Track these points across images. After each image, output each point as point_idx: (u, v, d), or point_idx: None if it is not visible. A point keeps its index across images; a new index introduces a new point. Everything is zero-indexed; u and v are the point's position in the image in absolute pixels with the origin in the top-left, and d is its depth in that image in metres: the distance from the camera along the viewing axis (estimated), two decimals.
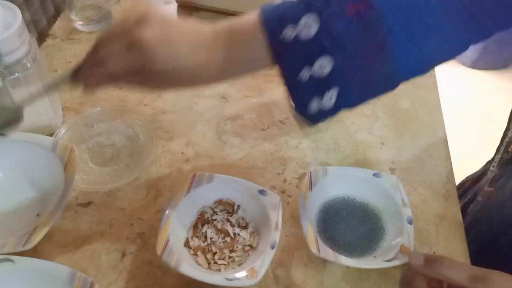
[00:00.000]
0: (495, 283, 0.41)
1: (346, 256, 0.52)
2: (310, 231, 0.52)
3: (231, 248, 0.53)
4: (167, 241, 0.50)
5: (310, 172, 0.58)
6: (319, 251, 0.51)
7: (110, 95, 0.73)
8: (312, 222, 0.54)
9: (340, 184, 0.59)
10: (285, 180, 0.64)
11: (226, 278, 0.48)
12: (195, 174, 0.56)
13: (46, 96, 0.59)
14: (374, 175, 0.59)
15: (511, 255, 0.61)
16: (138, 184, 0.62)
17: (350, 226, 0.56)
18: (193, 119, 0.71)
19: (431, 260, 0.47)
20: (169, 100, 0.73)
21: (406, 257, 0.50)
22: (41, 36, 0.82)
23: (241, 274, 0.49)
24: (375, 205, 0.58)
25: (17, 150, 0.57)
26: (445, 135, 0.70)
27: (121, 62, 0.43)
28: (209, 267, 0.52)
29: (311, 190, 0.56)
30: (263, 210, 0.54)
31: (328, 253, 0.51)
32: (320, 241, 0.52)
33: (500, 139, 0.71)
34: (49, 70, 0.75)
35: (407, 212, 0.55)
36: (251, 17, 0.44)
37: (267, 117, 0.71)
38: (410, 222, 0.54)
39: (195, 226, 0.55)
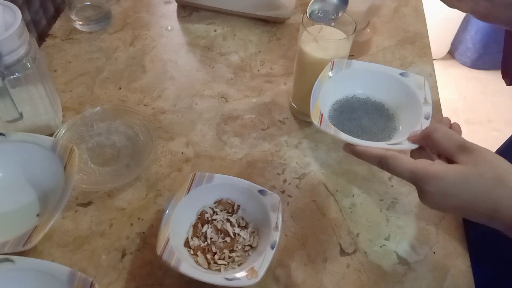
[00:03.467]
0: (480, 156, 0.42)
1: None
2: (318, 107, 0.52)
3: (231, 248, 0.54)
4: (167, 241, 0.50)
5: (334, 61, 0.58)
6: (320, 124, 0.51)
7: (110, 95, 0.73)
8: (324, 110, 0.54)
9: (361, 79, 0.59)
10: (285, 180, 0.64)
11: (226, 278, 0.48)
12: (195, 174, 0.56)
13: None
14: (401, 74, 0.58)
15: (511, 254, 0.61)
16: (138, 184, 0.62)
17: (361, 125, 0.56)
18: (193, 119, 0.71)
19: (428, 133, 0.47)
20: (169, 100, 0.73)
21: (412, 144, 0.49)
22: (41, 36, 0.82)
23: (241, 274, 0.49)
24: (392, 105, 0.58)
25: (17, 150, 0.57)
26: None
27: None
28: (209, 267, 0.52)
29: (331, 76, 0.57)
30: (263, 210, 0.54)
31: (329, 127, 0.51)
32: (324, 117, 0.52)
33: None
34: (49, 70, 0.75)
35: (427, 109, 0.54)
36: None
37: (267, 117, 0.71)
38: (427, 118, 0.53)
39: (195, 226, 0.55)
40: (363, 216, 0.61)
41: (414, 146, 0.49)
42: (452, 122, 0.52)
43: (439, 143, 0.45)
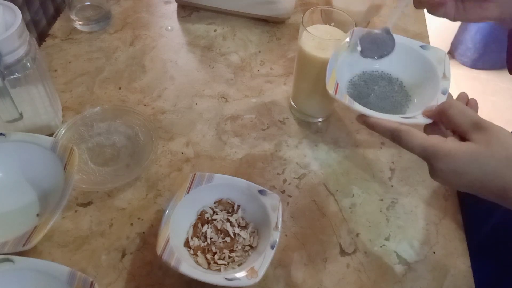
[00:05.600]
0: (493, 135, 0.42)
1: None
2: (334, 76, 0.53)
3: (231, 248, 0.53)
4: (167, 241, 0.50)
5: (353, 30, 0.58)
6: (335, 93, 0.51)
7: (110, 95, 0.73)
8: (340, 82, 0.54)
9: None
10: (285, 180, 0.64)
11: (226, 278, 0.48)
12: (195, 174, 0.56)
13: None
14: (421, 46, 0.58)
15: (511, 254, 0.61)
16: (138, 184, 0.62)
17: (376, 98, 0.56)
18: (193, 119, 0.71)
19: (444, 108, 0.46)
20: (169, 100, 0.73)
21: (427, 118, 0.48)
22: (41, 36, 0.82)
23: (241, 274, 0.49)
24: (409, 79, 0.57)
25: (17, 150, 0.57)
26: None
27: None
28: (209, 267, 0.52)
29: (349, 45, 0.57)
30: (263, 210, 0.54)
31: (344, 97, 0.51)
32: (340, 87, 0.52)
33: None
34: (49, 70, 0.75)
35: (445, 84, 0.54)
36: None
37: (267, 117, 0.71)
38: (444, 93, 0.53)
39: (195, 226, 0.55)
40: (363, 216, 0.61)
41: (428, 121, 0.48)
42: (469, 98, 0.52)
43: (453, 120, 0.45)
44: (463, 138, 0.44)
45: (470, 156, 0.41)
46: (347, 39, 0.58)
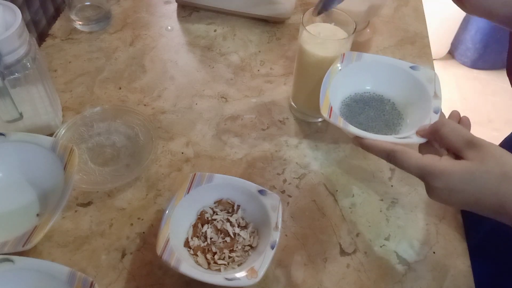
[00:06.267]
0: (487, 152, 0.42)
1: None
2: (327, 98, 0.53)
3: (231, 248, 0.53)
4: (167, 241, 0.50)
5: (344, 53, 0.59)
6: (329, 116, 0.52)
7: (110, 95, 0.73)
8: (334, 103, 0.55)
9: (371, 73, 0.59)
10: (285, 180, 0.64)
11: (226, 278, 0.48)
12: (195, 174, 0.56)
13: None
14: (411, 67, 0.59)
15: (510, 254, 0.61)
16: (138, 184, 0.62)
17: (370, 119, 0.57)
18: (193, 119, 0.71)
19: (437, 127, 0.47)
20: (169, 100, 0.73)
21: (421, 138, 0.49)
22: (41, 36, 0.82)
23: (241, 274, 0.49)
24: (401, 99, 0.58)
25: (17, 150, 0.57)
26: None
27: None
28: (209, 267, 0.52)
29: (340, 69, 0.58)
30: (263, 210, 0.54)
31: (338, 120, 0.51)
32: (334, 110, 0.53)
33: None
34: (49, 70, 0.75)
35: (437, 103, 0.54)
36: None
37: (267, 117, 0.71)
38: (436, 112, 0.53)
39: (195, 226, 0.55)
40: (363, 216, 0.61)
41: (423, 140, 0.49)
42: (461, 115, 0.52)
43: (447, 139, 0.45)
44: (457, 156, 0.44)
45: (466, 174, 0.42)
46: (339, 64, 0.59)
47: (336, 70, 0.58)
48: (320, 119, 0.71)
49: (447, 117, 0.53)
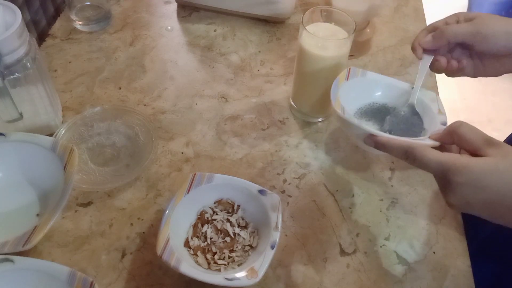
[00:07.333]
0: (509, 148, 0.41)
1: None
2: (338, 101, 0.56)
3: (231, 248, 0.53)
4: (167, 241, 0.50)
5: (350, 68, 0.61)
6: (343, 113, 0.53)
7: (110, 95, 0.73)
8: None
9: (377, 88, 0.62)
10: (285, 180, 0.64)
11: (226, 278, 0.48)
12: (195, 174, 0.56)
13: None
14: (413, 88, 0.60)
15: (510, 254, 0.61)
16: (138, 184, 0.62)
17: (382, 125, 0.58)
18: (193, 119, 0.71)
19: (454, 127, 0.46)
20: (169, 100, 0.73)
21: (435, 141, 0.48)
22: (41, 36, 0.82)
23: (241, 274, 0.49)
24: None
25: (17, 150, 0.57)
26: None
27: None
28: (209, 267, 0.52)
29: (347, 79, 0.60)
30: (263, 210, 0.54)
31: (351, 116, 0.53)
32: (346, 109, 0.55)
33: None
34: (49, 70, 0.75)
35: (442, 118, 0.56)
36: None
37: (267, 117, 0.71)
38: (444, 124, 0.54)
39: (195, 226, 0.55)
40: (363, 216, 0.61)
41: (437, 144, 0.48)
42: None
43: (465, 137, 0.44)
44: (475, 155, 0.43)
45: (490, 167, 0.40)
46: (345, 79, 0.61)
47: (343, 80, 0.60)
48: (320, 119, 0.71)
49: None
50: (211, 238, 0.54)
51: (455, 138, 0.46)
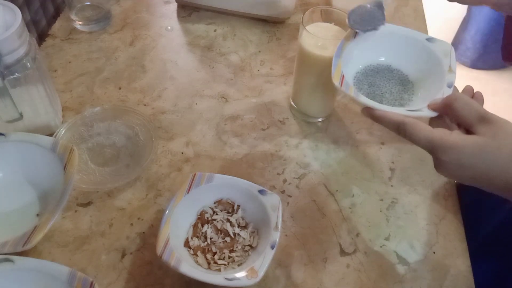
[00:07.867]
0: (500, 128, 0.41)
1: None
2: (339, 68, 0.53)
3: (231, 248, 0.53)
4: (167, 241, 0.50)
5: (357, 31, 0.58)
6: (341, 85, 0.51)
7: (110, 95, 0.73)
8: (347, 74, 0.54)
9: (386, 43, 0.58)
10: (285, 180, 0.64)
11: (226, 278, 0.48)
12: (195, 174, 0.56)
13: None
14: (427, 39, 0.57)
15: (510, 254, 0.61)
16: (138, 184, 0.62)
17: (381, 91, 0.56)
18: (193, 119, 0.71)
19: (449, 101, 0.46)
20: (169, 100, 0.73)
21: (432, 112, 0.48)
22: (41, 36, 0.82)
23: (241, 274, 0.49)
24: (415, 72, 0.57)
25: (17, 150, 0.57)
26: None
27: None
28: (209, 267, 0.52)
29: (355, 37, 0.57)
30: (263, 210, 0.54)
31: (350, 89, 0.51)
32: (345, 79, 0.53)
33: None
34: (49, 70, 0.75)
35: (451, 78, 0.53)
36: None
37: (267, 117, 0.71)
38: (449, 86, 0.52)
39: (195, 226, 0.55)
40: (363, 216, 0.61)
41: (434, 114, 0.48)
42: (475, 91, 0.52)
43: (459, 113, 0.45)
44: (468, 131, 0.44)
45: (476, 149, 0.41)
46: (351, 33, 0.58)
47: (351, 37, 0.57)
48: (320, 119, 0.71)
49: (460, 92, 0.52)
50: (211, 238, 0.54)
51: (449, 113, 0.46)
